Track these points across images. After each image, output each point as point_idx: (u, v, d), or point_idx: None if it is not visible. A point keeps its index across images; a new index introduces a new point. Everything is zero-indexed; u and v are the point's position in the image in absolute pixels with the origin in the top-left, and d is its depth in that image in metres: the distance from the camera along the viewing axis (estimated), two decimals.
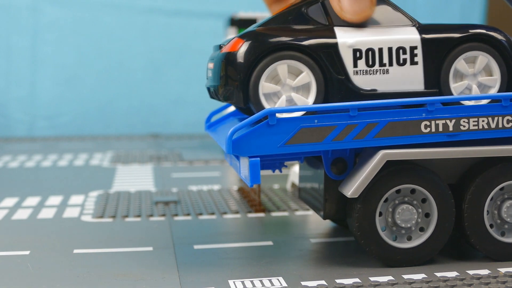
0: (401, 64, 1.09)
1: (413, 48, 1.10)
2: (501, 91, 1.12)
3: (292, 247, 1.24)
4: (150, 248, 1.23)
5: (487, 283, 1.01)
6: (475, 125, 1.09)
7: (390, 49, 1.09)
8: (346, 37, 1.08)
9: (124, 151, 2.59)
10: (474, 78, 1.12)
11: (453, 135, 1.09)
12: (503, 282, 1.01)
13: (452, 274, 1.06)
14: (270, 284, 1.03)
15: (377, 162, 1.07)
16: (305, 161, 1.26)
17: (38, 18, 3.14)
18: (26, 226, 1.42)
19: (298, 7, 1.12)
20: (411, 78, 1.10)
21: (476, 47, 1.11)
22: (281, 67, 1.06)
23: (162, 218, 1.47)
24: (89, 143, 2.89)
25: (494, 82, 1.12)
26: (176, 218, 1.47)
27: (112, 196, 1.70)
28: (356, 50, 1.08)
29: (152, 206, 1.58)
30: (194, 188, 1.81)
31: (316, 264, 1.14)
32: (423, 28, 1.11)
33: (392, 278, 1.04)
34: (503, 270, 1.08)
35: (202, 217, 1.48)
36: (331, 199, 1.16)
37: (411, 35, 1.10)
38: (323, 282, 1.03)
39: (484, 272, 1.07)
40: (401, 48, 1.09)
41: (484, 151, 1.10)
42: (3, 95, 3.13)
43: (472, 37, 1.11)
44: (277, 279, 1.05)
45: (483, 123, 1.09)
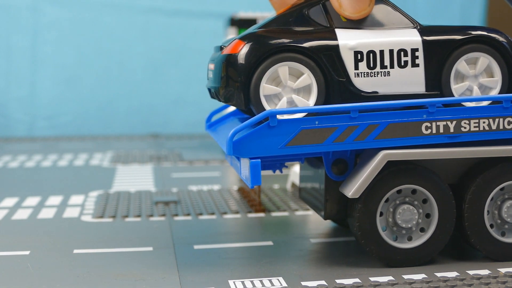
0: (402, 66, 1.09)
1: (414, 50, 1.10)
2: (502, 92, 1.12)
3: (292, 247, 1.24)
4: (150, 248, 1.23)
5: (487, 283, 1.01)
6: (476, 126, 1.09)
7: (392, 51, 1.09)
8: (347, 39, 1.08)
9: (124, 151, 2.58)
10: (475, 80, 1.12)
11: (454, 137, 1.09)
12: (503, 282, 1.01)
13: (452, 274, 1.06)
14: (270, 284, 1.03)
15: (378, 163, 1.07)
16: (305, 161, 1.26)
17: (38, 18, 3.14)
18: (26, 226, 1.42)
19: (299, 9, 1.11)
20: (412, 80, 1.10)
21: (477, 48, 1.11)
22: (282, 69, 1.06)
23: (162, 218, 1.47)
24: (89, 143, 2.89)
25: (495, 84, 1.12)
26: (176, 218, 1.47)
27: (112, 196, 1.70)
28: (357, 52, 1.08)
29: (152, 206, 1.58)
30: (194, 188, 1.81)
31: (316, 264, 1.15)
32: (424, 30, 1.11)
33: (392, 278, 1.05)
34: (503, 270, 1.08)
35: (202, 217, 1.48)
36: (332, 200, 1.16)
37: (412, 37, 1.10)
38: (323, 282, 1.03)
39: (484, 272, 1.07)
40: (402, 50, 1.09)
41: (484, 151, 1.10)
42: (3, 95, 3.13)
43: (473, 38, 1.11)
44: (277, 279, 1.05)
45: (484, 124, 1.09)
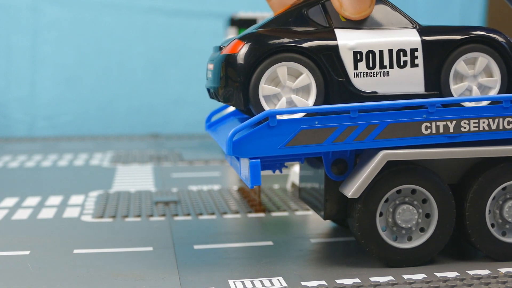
0: (401, 66, 1.09)
1: (413, 50, 1.10)
2: (501, 92, 1.12)
3: (292, 247, 1.24)
4: (150, 248, 1.23)
5: (487, 283, 1.01)
6: (476, 126, 1.09)
7: (391, 51, 1.09)
8: (347, 39, 1.08)
9: (124, 151, 2.58)
10: (474, 80, 1.12)
11: (453, 137, 1.09)
12: (503, 282, 1.01)
13: (452, 274, 1.06)
14: (270, 284, 1.03)
15: (377, 163, 1.07)
16: (305, 161, 1.26)
17: (38, 18, 3.14)
18: (26, 226, 1.42)
19: (298, 9, 1.11)
20: (411, 80, 1.10)
21: (476, 48, 1.11)
22: (280, 69, 1.06)
23: (162, 218, 1.47)
24: (89, 143, 2.89)
25: (494, 83, 1.12)
26: (176, 218, 1.47)
27: (112, 196, 1.70)
28: (357, 52, 1.08)
29: (152, 206, 1.58)
30: (194, 188, 1.81)
31: (316, 264, 1.15)
32: (423, 30, 1.11)
33: (392, 278, 1.05)
34: (503, 270, 1.08)
35: (202, 217, 1.48)
36: (331, 200, 1.16)
37: (411, 37, 1.10)
38: (323, 282, 1.03)
39: (484, 272, 1.07)
40: (401, 50, 1.09)
41: (485, 151, 1.10)
42: (3, 95, 3.13)
43: (472, 39, 1.11)
44: (277, 279, 1.05)
45: (483, 124, 1.09)
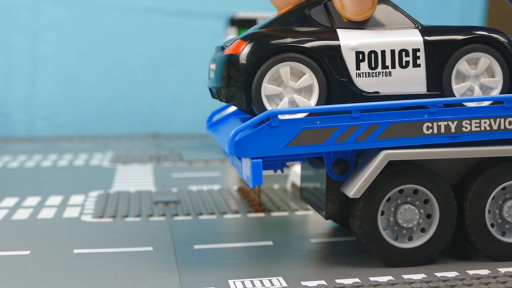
0: (403, 66, 1.09)
1: (415, 50, 1.10)
2: (503, 92, 1.12)
3: (292, 247, 1.24)
4: (150, 248, 1.23)
5: (487, 283, 1.01)
6: (477, 126, 1.09)
7: (393, 51, 1.09)
8: (349, 39, 1.08)
9: (124, 151, 2.58)
10: (476, 80, 1.12)
11: (455, 137, 1.09)
12: (503, 282, 1.01)
13: (452, 274, 1.06)
14: (270, 284, 1.03)
15: (379, 163, 1.07)
16: (307, 161, 1.26)
17: (38, 18, 3.13)
18: (26, 226, 1.42)
19: (300, 9, 1.11)
20: (413, 80, 1.10)
21: (478, 48, 1.11)
22: (283, 69, 1.06)
23: (162, 218, 1.47)
24: (89, 143, 2.88)
25: (496, 84, 1.12)
26: (176, 218, 1.47)
27: (112, 196, 1.70)
28: (359, 53, 1.08)
29: (152, 206, 1.58)
30: (194, 188, 1.81)
31: (316, 264, 1.14)
32: (425, 30, 1.11)
33: (392, 278, 1.04)
34: (503, 270, 1.08)
35: (202, 217, 1.48)
36: (333, 199, 1.16)
37: (413, 38, 1.10)
38: (323, 282, 1.03)
39: (484, 272, 1.07)
40: (403, 50, 1.09)
41: (486, 151, 1.10)
42: (3, 95, 3.13)
43: (474, 39, 1.11)
44: (277, 279, 1.05)
45: (485, 124, 1.09)
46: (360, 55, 1.08)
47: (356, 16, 1.09)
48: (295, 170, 1.68)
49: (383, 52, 1.09)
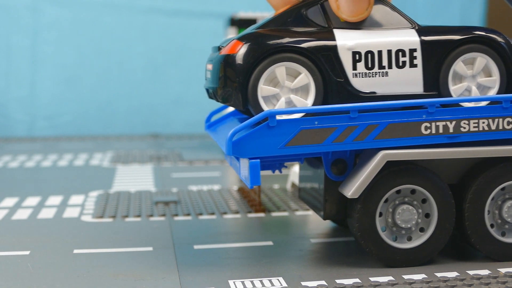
0: (400, 66, 1.09)
1: (412, 50, 1.10)
2: (500, 91, 1.12)
3: (292, 247, 1.24)
4: (150, 248, 1.23)
5: (487, 283, 1.01)
6: (476, 126, 1.09)
7: (390, 51, 1.09)
8: (346, 39, 1.08)
9: (124, 151, 2.59)
10: (473, 80, 1.12)
11: (453, 137, 1.09)
12: (503, 283, 1.01)
13: (452, 274, 1.06)
14: (270, 284, 1.03)
15: (377, 163, 1.07)
16: (305, 161, 1.26)
17: (38, 18, 3.14)
18: (26, 226, 1.42)
19: (297, 9, 1.11)
20: (410, 80, 1.10)
21: (475, 48, 1.11)
22: (279, 69, 1.06)
23: (162, 218, 1.47)
24: (89, 143, 2.89)
25: (493, 83, 1.12)
26: (176, 218, 1.47)
27: (112, 196, 1.70)
28: (356, 53, 1.08)
29: (152, 206, 1.58)
30: (194, 188, 1.81)
31: (316, 264, 1.15)
32: (422, 30, 1.11)
33: (392, 278, 1.05)
34: (503, 270, 1.08)
35: (202, 217, 1.48)
36: (331, 200, 1.16)
37: (410, 38, 1.10)
38: (323, 282, 1.03)
39: (484, 272, 1.07)
40: (400, 50, 1.09)
41: (485, 151, 1.10)
42: (3, 95, 3.13)
43: (471, 39, 1.11)
44: (277, 279, 1.05)
45: (483, 124, 1.09)
46: (357, 55, 1.08)
47: (352, 17, 1.09)
48: (295, 170, 1.68)
49: (379, 52, 1.09)
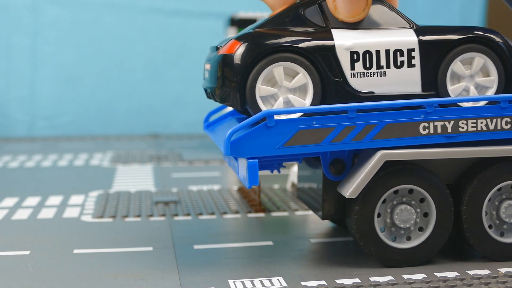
0: (398, 66, 1.09)
1: (410, 50, 1.10)
2: (498, 91, 1.12)
3: (292, 247, 1.24)
4: (150, 248, 1.23)
5: (487, 283, 1.01)
6: (474, 126, 1.09)
7: (388, 51, 1.09)
8: (344, 39, 1.08)
9: (124, 151, 2.59)
10: (472, 80, 1.12)
11: (451, 137, 1.09)
12: (503, 282, 1.02)
13: (452, 274, 1.06)
14: (270, 284, 1.03)
15: (375, 163, 1.07)
16: (303, 161, 1.26)
17: (38, 18, 3.14)
18: (26, 226, 1.42)
19: (295, 9, 1.12)
20: (408, 80, 1.10)
21: (473, 48, 1.11)
22: (277, 69, 1.06)
23: (162, 218, 1.47)
24: (89, 143, 2.89)
25: (491, 83, 1.12)
26: (176, 218, 1.47)
27: (112, 196, 1.71)
28: (354, 53, 1.08)
29: (152, 206, 1.58)
30: (194, 188, 1.81)
31: (316, 264, 1.15)
32: (420, 30, 1.11)
33: (392, 278, 1.05)
34: (503, 270, 1.08)
35: (202, 217, 1.48)
36: (329, 200, 1.16)
37: (408, 37, 1.10)
38: (323, 282, 1.03)
39: (484, 272, 1.07)
40: (398, 50, 1.09)
41: (482, 151, 1.10)
42: (3, 95, 3.13)
43: (469, 39, 1.11)
44: (277, 279, 1.05)
45: (481, 124, 1.09)
46: (355, 55, 1.08)
47: (349, 18, 1.09)
48: (295, 170, 1.68)
49: (377, 52, 1.09)
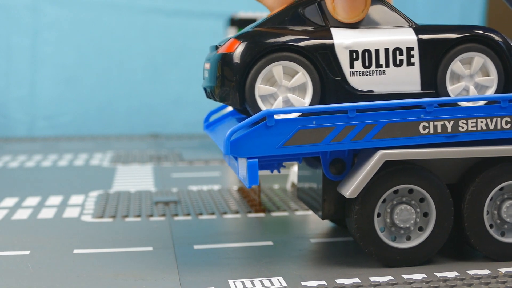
0: (397, 65, 1.09)
1: (409, 49, 1.10)
2: (498, 91, 1.12)
3: (292, 247, 1.24)
4: (150, 248, 1.23)
5: (487, 283, 1.01)
6: (474, 126, 1.09)
7: (387, 50, 1.09)
8: (343, 38, 1.08)
9: (124, 151, 2.59)
10: (471, 79, 1.12)
11: (451, 136, 1.09)
12: (503, 282, 1.01)
13: (452, 274, 1.06)
14: (270, 284, 1.03)
15: (375, 162, 1.07)
16: (303, 161, 1.26)
17: (38, 18, 3.14)
18: (26, 226, 1.42)
19: (294, 8, 1.12)
20: (407, 79, 1.10)
21: (472, 48, 1.11)
22: (276, 68, 1.06)
23: (162, 218, 1.47)
24: (89, 143, 2.89)
25: (491, 82, 1.12)
26: (176, 218, 1.47)
27: (112, 196, 1.71)
28: (353, 51, 1.08)
29: (152, 206, 1.58)
30: (194, 188, 1.81)
31: (316, 264, 1.15)
32: (419, 29, 1.11)
33: (392, 278, 1.05)
34: (503, 270, 1.08)
35: (202, 217, 1.48)
36: (329, 199, 1.16)
37: (407, 36, 1.10)
38: (323, 282, 1.03)
39: (484, 272, 1.07)
40: (397, 49, 1.09)
41: (483, 151, 1.10)
42: (3, 95, 3.13)
43: (468, 38, 1.10)
44: (277, 279, 1.05)
45: (481, 124, 1.09)
46: (354, 54, 1.08)
47: (347, 20, 1.09)
48: (295, 170, 1.68)
49: (377, 50, 1.09)
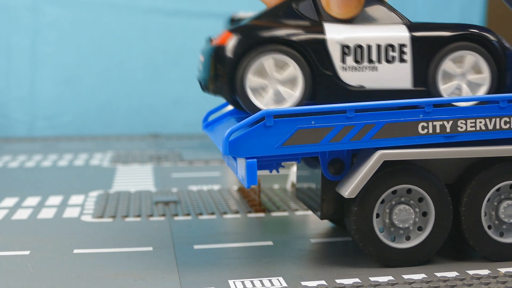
0: (389, 61, 1.09)
1: (402, 45, 1.10)
2: (491, 89, 1.11)
3: (292, 247, 1.24)
4: (150, 248, 1.23)
5: (487, 283, 1.01)
6: (473, 126, 1.09)
7: (379, 46, 1.09)
8: (335, 33, 1.08)
9: (124, 151, 2.59)
10: (463, 78, 1.12)
11: (450, 137, 1.09)
12: (503, 282, 1.02)
13: (452, 274, 1.06)
14: (270, 284, 1.03)
15: (374, 163, 1.07)
16: (302, 161, 1.26)
17: (38, 18, 3.14)
18: (26, 226, 1.42)
19: (288, 2, 1.12)
20: (399, 75, 1.10)
21: (465, 46, 1.10)
22: (267, 61, 1.06)
23: (162, 218, 1.47)
24: (89, 143, 2.89)
25: (483, 80, 1.11)
26: (176, 218, 1.47)
27: (112, 196, 1.71)
28: (345, 46, 1.08)
29: (152, 206, 1.58)
30: (194, 188, 1.81)
31: (316, 264, 1.15)
32: (413, 26, 1.11)
33: (392, 278, 1.05)
34: (503, 270, 1.08)
35: (202, 217, 1.48)
36: (328, 200, 1.16)
37: (400, 33, 1.10)
38: (323, 282, 1.03)
39: (484, 272, 1.07)
40: (390, 45, 1.09)
41: (481, 151, 1.10)
42: (3, 95, 3.13)
43: (462, 36, 1.10)
44: (277, 279, 1.05)
45: (480, 124, 1.09)
46: (346, 49, 1.08)
47: (341, 16, 1.10)
48: (295, 170, 1.68)
49: (369, 46, 1.09)
